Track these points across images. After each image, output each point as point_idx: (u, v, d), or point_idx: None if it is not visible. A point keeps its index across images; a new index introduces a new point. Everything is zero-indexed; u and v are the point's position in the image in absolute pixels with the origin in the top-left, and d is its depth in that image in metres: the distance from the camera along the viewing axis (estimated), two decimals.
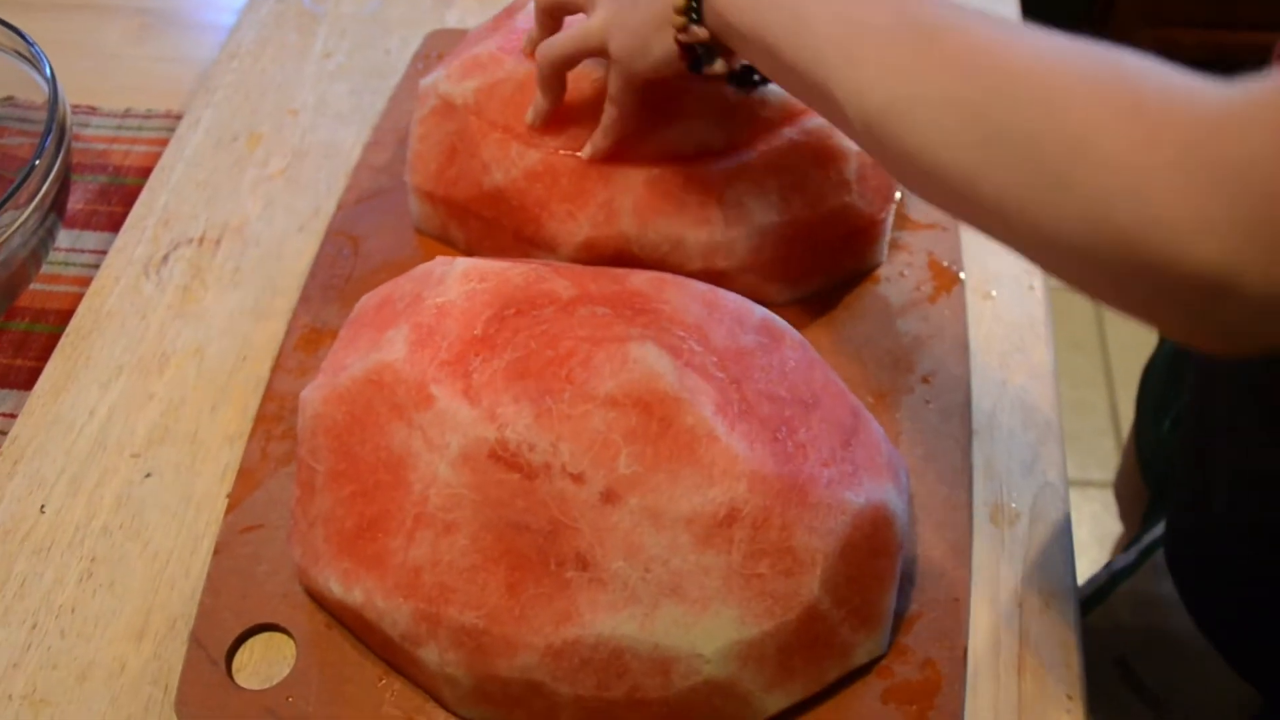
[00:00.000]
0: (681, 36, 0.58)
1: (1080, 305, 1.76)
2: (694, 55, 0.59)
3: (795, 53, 0.51)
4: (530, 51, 0.69)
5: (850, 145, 0.69)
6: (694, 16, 0.57)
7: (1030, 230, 0.41)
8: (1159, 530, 0.76)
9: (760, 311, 0.59)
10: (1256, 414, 0.60)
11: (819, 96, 0.50)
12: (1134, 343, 1.75)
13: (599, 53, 0.63)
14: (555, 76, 0.66)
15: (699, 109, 0.67)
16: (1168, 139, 0.36)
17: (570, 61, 0.65)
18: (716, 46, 0.59)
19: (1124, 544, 1.10)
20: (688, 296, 0.57)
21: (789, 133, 0.67)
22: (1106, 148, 0.37)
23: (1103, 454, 1.64)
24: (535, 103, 0.67)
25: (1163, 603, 0.72)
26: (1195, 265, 0.36)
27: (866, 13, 0.48)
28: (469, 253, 0.72)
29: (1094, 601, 0.77)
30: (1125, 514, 1.11)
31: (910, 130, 0.45)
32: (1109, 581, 0.78)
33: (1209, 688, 0.70)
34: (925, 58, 0.44)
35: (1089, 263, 0.40)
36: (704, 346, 0.55)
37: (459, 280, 0.57)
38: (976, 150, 0.42)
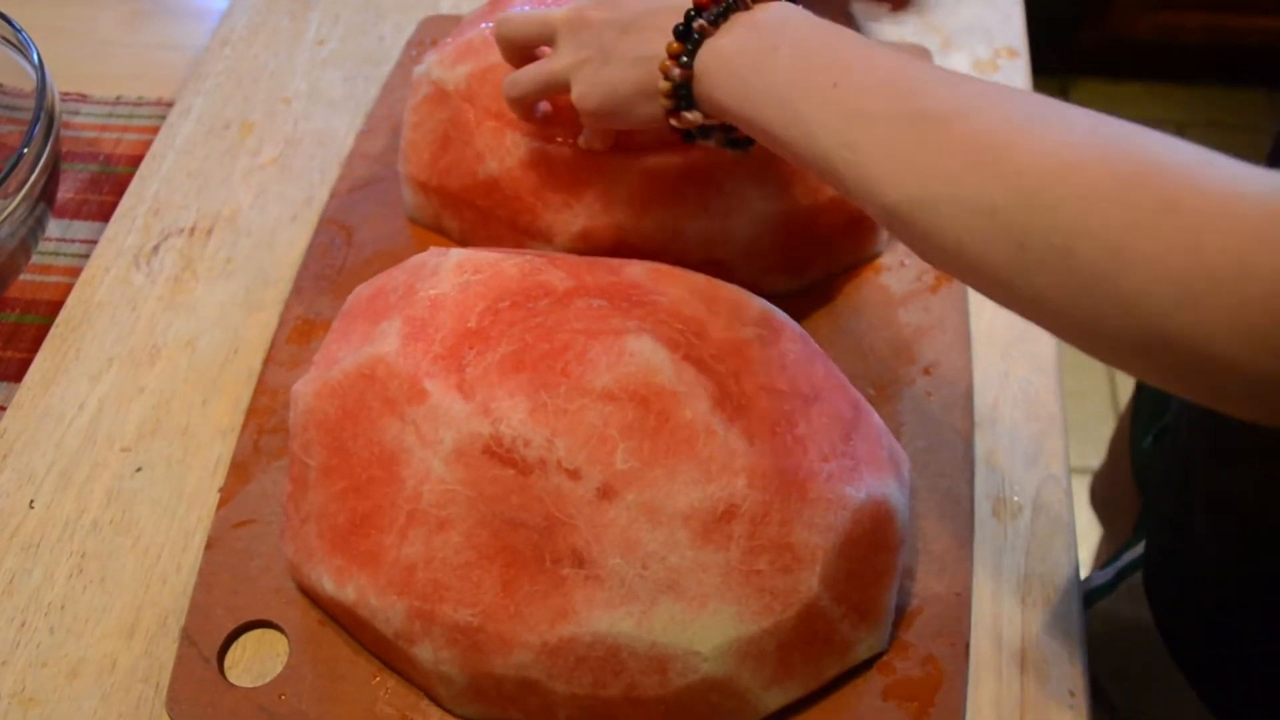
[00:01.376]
0: (674, 122, 0.55)
1: None
2: (688, 133, 0.57)
3: (798, 146, 0.48)
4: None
5: None
6: (684, 104, 0.54)
7: (1076, 329, 0.40)
8: (1138, 550, 0.75)
9: (759, 303, 0.58)
10: (1240, 434, 0.59)
11: (831, 181, 0.48)
12: None
13: (564, 93, 0.60)
14: (522, 109, 0.64)
15: None
16: (1212, 247, 0.35)
17: (533, 99, 0.63)
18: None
19: (1103, 550, 1.09)
20: (685, 288, 0.56)
21: None
22: (1147, 253, 0.36)
23: (1103, 442, 1.63)
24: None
25: (1137, 627, 0.71)
26: (1255, 374, 0.36)
27: (865, 102, 0.45)
28: (463, 243, 0.71)
29: None
30: (1106, 520, 1.09)
31: (935, 229, 0.43)
32: (1083, 599, 0.77)
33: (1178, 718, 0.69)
34: (938, 154, 0.42)
35: (1142, 359, 0.39)
36: (702, 339, 0.54)
37: (453, 272, 0.56)
38: (1009, 253, 0.40)
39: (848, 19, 0.72)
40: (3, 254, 0.69)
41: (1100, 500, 1.10)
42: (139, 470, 0.64)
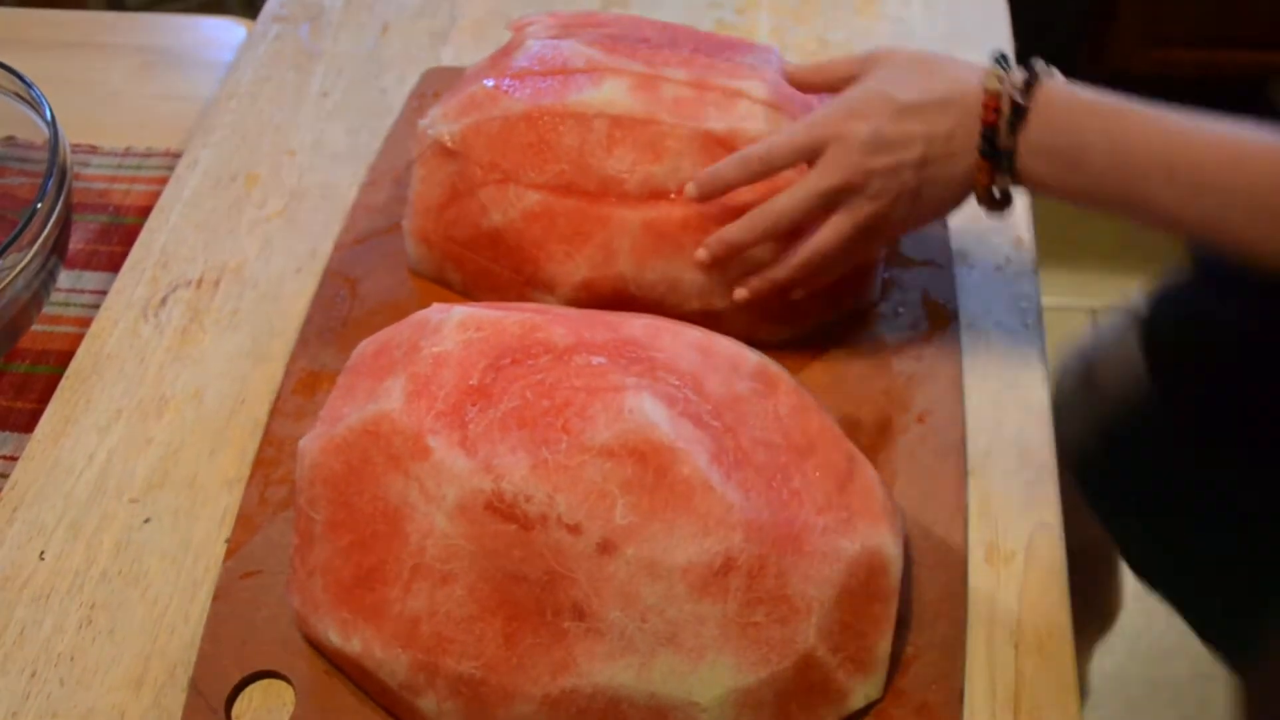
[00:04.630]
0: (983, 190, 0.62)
1: (1078, 325, 1.76)
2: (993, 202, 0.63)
3: (1151, 221, 0.56)
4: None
5: None
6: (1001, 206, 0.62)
7: None
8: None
9: (755, 357, 0.59)
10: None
11: (1200, 239, 0.60)
12: None
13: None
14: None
15: (683, 147, 0.67)
16: None
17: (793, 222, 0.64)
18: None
19: None
20: (682, 344, 0.57)
21: (784, 173, 0.68)
22: None
23: None
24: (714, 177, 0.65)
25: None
26: None
27: (1207, 179, 0.54)
28: (466, 294, 0.73)
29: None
30: None
31: None
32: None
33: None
34: None
35: None
36: (699, 395, 0.55)
37: (455, 329, 0.57)
38: None
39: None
40: (16, 305, 0.71)
41: None
42: (147, 521, 0.65)
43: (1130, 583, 1.54)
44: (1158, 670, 1.48)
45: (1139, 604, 1.52)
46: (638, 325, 0.58)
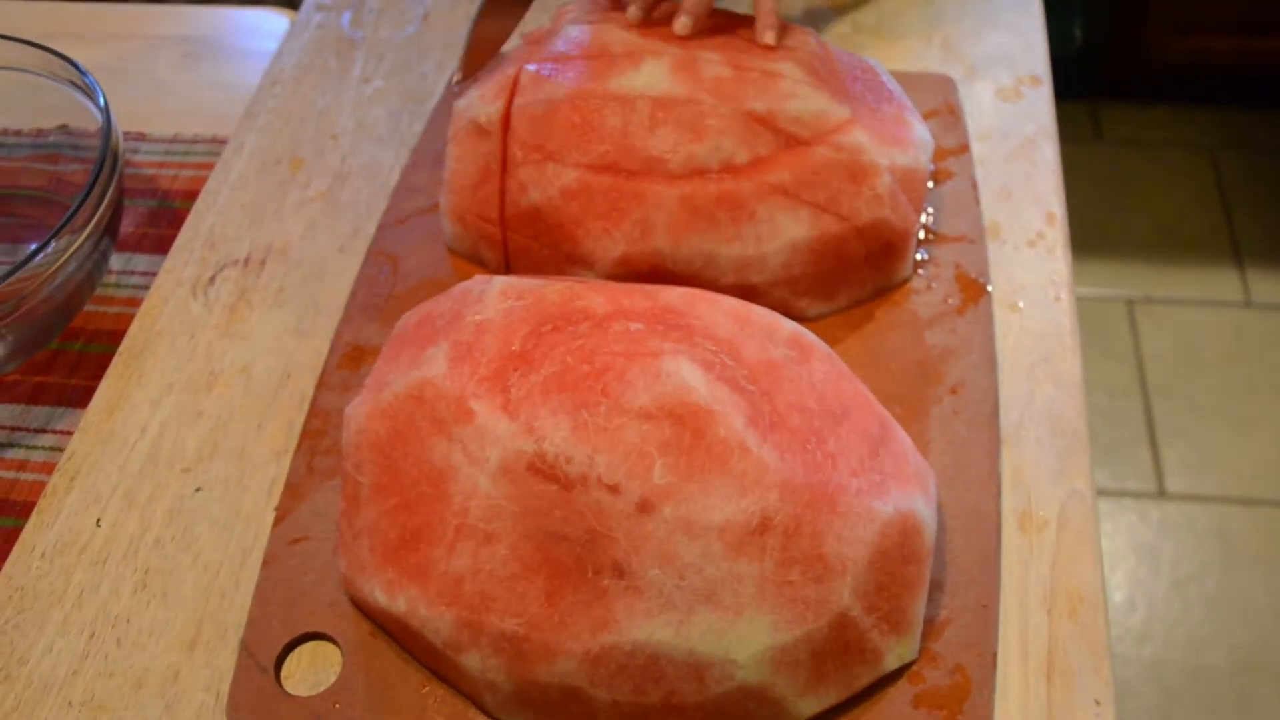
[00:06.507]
0: None
1: (1114, 315, 1.76)
2: None
3: None
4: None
5: (882, 160, 0.70)
6: None
7: None
8: None
9: (790, 325, 0.60)
10: None
11: None
12: (1169, 353, 1.74)
13: None
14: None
15: (725, 126, 0.68)
16: None
17: None
18: None
19: None
20: (719, 312, 0.59)
21: (821, 150, 0.69)
22: None
23: (1138, 463, 1.64)
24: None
25: None
26: None
27: None
28: (503, 272, 0.74)
29: None
30: None
31: None
32: None
33: None
34: None
35: None
36: (735, 360, 0.56)
37: (497, 298, 0.59)
38: None
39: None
40: (70, 286, 0.73)
41: None
42: (198, 490, 0.67)
43: (1168, 571, 1.54)
44: (1196, 659, 1.47)
45: (1177, 592, 1.52)
46: (675, 294, 0.59)
